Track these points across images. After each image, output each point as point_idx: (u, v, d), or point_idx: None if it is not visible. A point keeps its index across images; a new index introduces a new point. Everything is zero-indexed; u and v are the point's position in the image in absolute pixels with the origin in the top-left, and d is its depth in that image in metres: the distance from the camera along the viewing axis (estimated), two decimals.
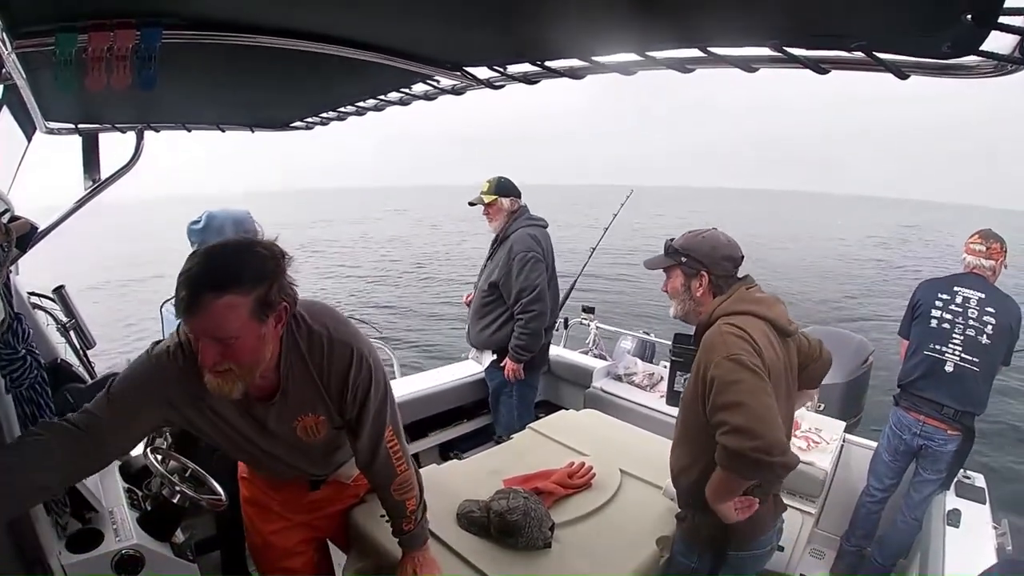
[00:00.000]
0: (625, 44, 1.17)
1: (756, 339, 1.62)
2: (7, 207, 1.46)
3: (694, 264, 1.81)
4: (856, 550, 3.22)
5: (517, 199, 3.37)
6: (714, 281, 1.80)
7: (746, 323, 1.67)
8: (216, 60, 1.37)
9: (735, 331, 1.64)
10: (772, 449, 1.46)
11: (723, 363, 1.58)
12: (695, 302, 1.84)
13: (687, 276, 1.83)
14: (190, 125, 2.42)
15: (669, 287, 1.90)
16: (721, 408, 1.56)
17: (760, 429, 1.47)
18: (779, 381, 1.68)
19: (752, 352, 1.59)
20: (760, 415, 1.50)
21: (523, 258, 3.19)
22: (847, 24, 0.89)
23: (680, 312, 1.89)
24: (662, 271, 1.92)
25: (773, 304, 1.78)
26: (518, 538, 1.76)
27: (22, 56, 1.12)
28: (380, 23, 1.25)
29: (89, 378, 1.96)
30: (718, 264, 1.80)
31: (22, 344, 1.24)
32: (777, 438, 1.48)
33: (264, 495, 1.87)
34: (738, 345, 1.60)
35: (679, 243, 1.87)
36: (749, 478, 1.59)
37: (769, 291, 1.85)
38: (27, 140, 2.02)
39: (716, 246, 1.82)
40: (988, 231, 3.18)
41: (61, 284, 2.25)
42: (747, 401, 1.51)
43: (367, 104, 2.04)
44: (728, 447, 1.50)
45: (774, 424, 1.50)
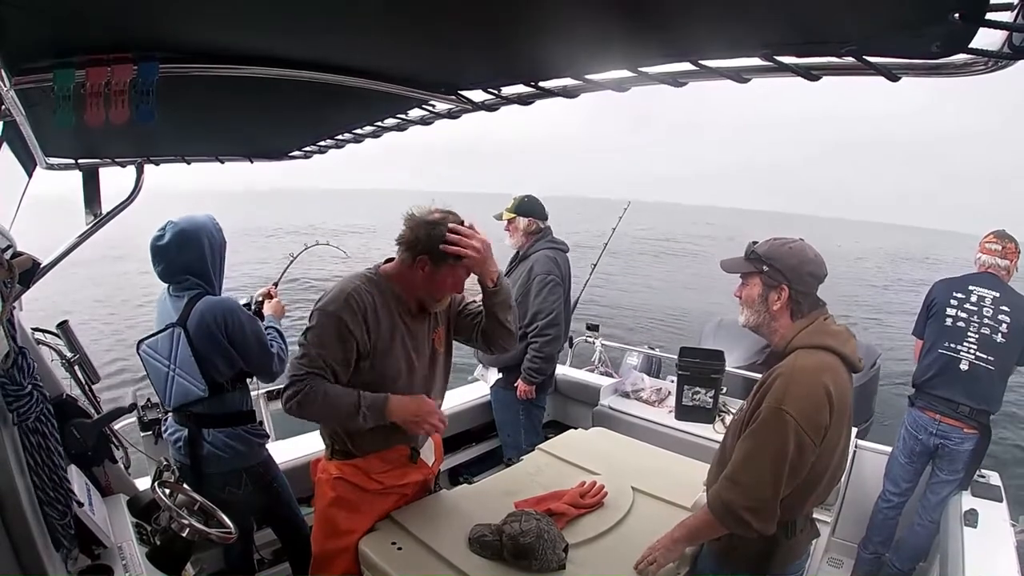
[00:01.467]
0: (617, 61, 1.18)
1: (830, 383, 1.58)
2: (9, 243, 1.47)
3: (776, 276, 1.71)
4: (874, 557, 3.18)
5: (538, 220, 3.38)
6: (794, 297, 1.70)
7: (823, 363, 1.62)
8: (213, 92, 1.38)
9: (811, 379, 1.58)
10: (760, 515, 1.57)
11: (780, 414, 1.55)
12: (770, 315, 1.74)
13: (766, 287, 1.73)
14: (189, 157, 2.44)
15: (744, 294, 1.80)
16: (742, 454, 1.62)
17: (760, 493, 1.56)
18: (843, 416, 1.64)
19: (819, 408, 1.56)
20: (766, 480, 1.56)
21: (542, 280, 3.22)
22: (836, 29, 0.90)
23: (752, 322, 1.79)
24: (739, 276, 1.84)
25: (848, 340, 1.70)
26: (532, 560, 1.73)
27: (21, 92, 1.13)
28: (375, 51, 1.26)
29: (95, 412, 1.96)
30: (802, 279, 1.70)
31: (27, 379, 1.24)
32: (771, 508, 1.57)
33: (355, 493, 1.98)
34: (808, 400, 1.56)
35: (763, 250, 1.76)
36: (728, 529, 1.64)
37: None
38: (28, 176, 2.03)
39: (803, 260, 1.71)
40: (1003, 231, 3.19)
41: (64, 319, 2.25)
42: (765, 464, 1.56)
43: (364, 131, 2.06)
44: (722, 497, 1.61)
45: (774, 493, 1.56)
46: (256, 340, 2.21)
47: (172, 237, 2.12)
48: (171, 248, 2.13)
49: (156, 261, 2.16)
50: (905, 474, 3.15)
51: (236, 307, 2.21)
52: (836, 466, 1.70)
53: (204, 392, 2.14)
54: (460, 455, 3.78)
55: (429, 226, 1.87)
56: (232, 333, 2.15)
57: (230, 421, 2.23)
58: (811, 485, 1.65)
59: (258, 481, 2.34)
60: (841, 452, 1.69)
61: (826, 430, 1.57)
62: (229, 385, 2.23)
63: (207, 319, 2.11)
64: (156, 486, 1.75)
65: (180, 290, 2.17)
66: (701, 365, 3.40)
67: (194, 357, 2.11)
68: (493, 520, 1.87)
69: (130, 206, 2.38)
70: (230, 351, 2.17)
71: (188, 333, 2.11)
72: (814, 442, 1.55)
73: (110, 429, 1.99)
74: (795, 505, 1.66)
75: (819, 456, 1.59)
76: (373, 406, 1.84)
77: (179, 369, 2.14)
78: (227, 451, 2.22)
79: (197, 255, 2.16)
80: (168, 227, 2.14)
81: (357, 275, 1.95)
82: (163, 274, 2.18)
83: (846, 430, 1.68)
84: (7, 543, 1.13)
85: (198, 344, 2.11)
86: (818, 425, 1.55)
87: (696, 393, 3.40)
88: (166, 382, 2.17)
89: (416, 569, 1.77)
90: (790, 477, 1.56)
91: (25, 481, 1.18)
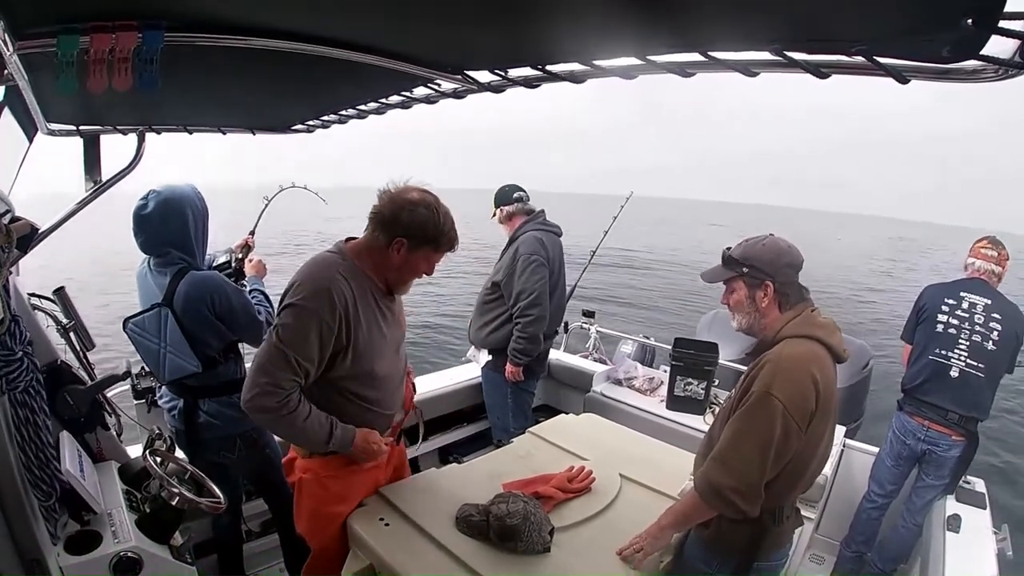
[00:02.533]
0: (626, 48, 1.17)
1: (816, 372, 1.60)
2: (8, 208, 1.46)
3: (757, 274, 1.73)
4: (856, 555, 3.21)
5: (511, 204, 3.42)
6: (779, 289, 1.73)
7: (811, 352, 1.65)
8: (217, 62, 1.37)
9: (798, 366, 1.61)
10: (747, 496, 1.59)
11: (768, 398, 1.57)
12: (760, 314, 1.76)
13: (751, 287, 1.75)
14: (191, 127, 2.42)
15: (732, 300, 1.81)
16: (730, 435, 1.64)
17: (747, 474, 1.59)
18: (829, 405, 1.65)
19: (806, 395, 1.58)
20: (753, 462, 1.58)
21: (526, 260, 3.21)
22: (847, 28, 0.89)
23: (745, 325, 1.81)
24: (722, 284, 1.84)
25: (834, 331, 1.72)
26: (517, 542, 1.75)
27: (24, 57, 1.12)
28: (381, 27, 1.25)
29: (89, 379, 1.96)
30: (781, 272, 1.73)
31: (19, 346, 1.24)
32: (756, 489, 1.60)
33: (340, 474, 1.94)
34: (795, 385, 1.58)
35: (738, 253, 1.78)
36: (714, 510, 1.67)
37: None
38: (28, 141, 2.02)
39: (779, 253, 1.74)
40: (995, 238, 3.18)
41: (61, 285, 2.25)
42: (753, 446, 1.59)
43: (368, 107, 2.05)
44: (710, 477, 1.64)
45: (760, 475, 1.59)
46: (244, 312, 2.21)
47: (155, 207, 2.07)
48: (154, 218, 2.07)
49: (138, 231, 2.10)
50: (891, 476, 3.17)
51: (220, 282, 2.19)
52: (821, 456, 1.73)
53: (198, 368, 2.14)
54: (451, 435, 3.80)
55: (410, 206, 1.81)
56: (219, 309, 2.14)
57: (224, 390, 2.24)
58: (797, 472, 1.67)
59: (251, 446, 2.36)
60: (826, 442, 1.72)
61: (812, 416, 1.59)
62: (221, 357, 2.23)
63: (193, 297, 2.09)
64: (147, 454, 1.76)
65: (162, 265, 2.13)
66: (695, 356, 3.40)
67: (184, 335, 2.10)
68: (481, 500, 1.89)
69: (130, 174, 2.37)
70: (219, 326, 2.17)
71: (175, 313, 2.09)
72: (800, 427, 1.57)
73: (103, 396, 1.99)
74: (782, 492, 1.68)
75: (805, 444, 1.62)
76: (342, 439, 1.82)
77: (170, 347, 2.12)
78: (222, 418, 2.24)
79: (180, 226, 2.12)
80: (151, 196, 2.08)
81: (327, 262, 1.84)
82: (145, 245, 2.13)
83: (831, 421, 1.70)
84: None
85: (186, 323, 2.10)
86: (804, 411, 1.57)
87: (688, 384, 3.41)
88: (158, 359, 2.16)
89: (402, 545, 1.79)
90: (775, 461, 1.58)
91: (12, 447, 1.19)
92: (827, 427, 1.68)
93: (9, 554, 1.17)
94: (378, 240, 1.84)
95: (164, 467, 1.79)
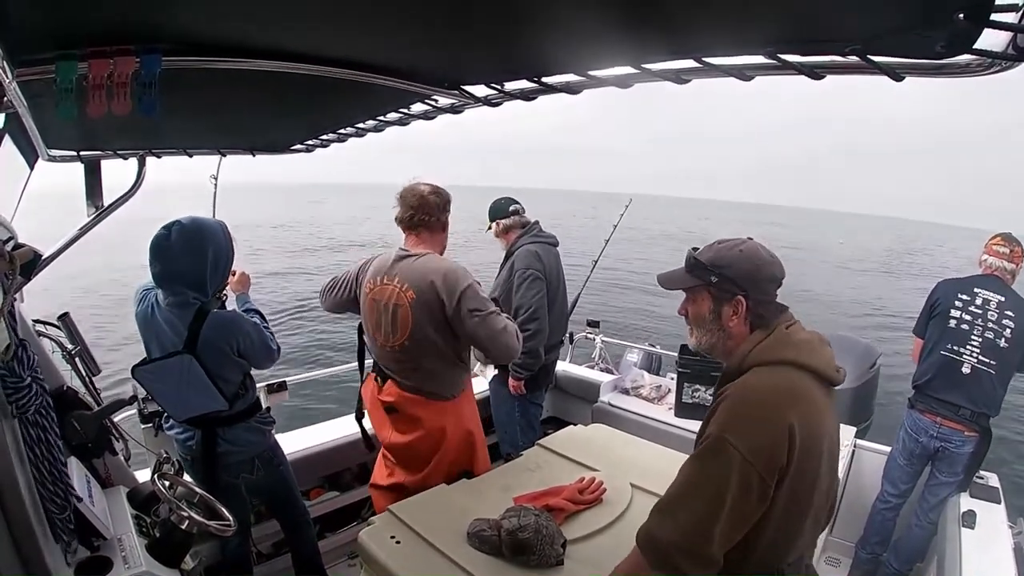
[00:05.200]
0: (620, 57, 1.18)
1: (794, 418, 1.25)
2: (11, 235, 1.47)
3: (728, 286, 1.41)
4: (872, 557, 3.19)
5: (508, 217, 3.40)
6: (754, 308, 1.40)
7: (786, 385, 1.32)
8: (216, 84, 1.38)
9: (765, 405, 1.29)
10: (693, 558, 1.24)
11: (722, 444, 1.26)
12: (726, 334, 1.44)
13: (717, 300, 1.43)
14: (191, 150, 2.44)
15: (691, 312, 1.50)
16: (677, 484, 1.33)
17: (692, 533, 1.25)
18: (818, 446, 1.31)
19: (774, 445, 1.24)
20: (701, 520, 1.25)
21: (522, 275, 3.19)
22: (841, 28, 0.90)
23: (705, 345, 1.49)
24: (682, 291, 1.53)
25: (819, 348, 1.40)
26: (530, 556, 1.74)
27: (23, 84, 1.13)
28: (378, 44, 1.26)
29: (95, 404, 1.96)
30: (760, 286, 1.40)
31: (27, 372, 1.24)
32: (704, 551, 1.24)
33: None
34: (759, 432, 1.25)
35: (708, 258, 1.44)
36: (658, 571, 1.29)
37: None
38: (29, 168, 2.03)
39: (759, 263, 1.41)
40: (1009, 235, 3.17)
41: (66, 311, 2.25)
42: (701, 500, 1.27)
43: (366, 125, 2.06)
44: (652, 531, 1.31)
45: (707, 534, 1.24)
46: (263, 346, 2.22)
47: (176, 239, 2.03)
48: (173, 250, 2.03)
49: (155, 261, 2.05)
50: (904, 475, 3.14)
51: (241, 320, 2.19)
52: (820, 506, 1.40)
53: (225, 407, 2.13)
54: None
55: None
56: (243, 348, 2.15)
57: (243, 417, 2.26)
58: (790, 528, 1.35)
59: (268, 465, 2.38)
60: (827, 485, 1.40)
61: (783, 471, 1.25)
62: (242, 389, 2.24)
63: (219, 341, 2.08)
64: (155, 478, 1.76)
65: (176, 305, 2.07)
66: (701, 363, 3.39)
67: (208, 378, 2.06)
68: (492, 515, 1.88)
69: (131, 199, 2.39)
70: (241, 363, 2.19)
71: (198, 359, 2.04)
72: (763, 478, 1.23)
73: (110, 421, 1.99)
74: (775, 554, 1.36)
75: (789, 494, 1.28)
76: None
77: (192, 391, 2.07)
78: (243, 444, 2.26)
79: (198, 263, 2.07)
80: (174, 228, 2.04)
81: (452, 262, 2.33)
82: (159, 277, 2.07)
83: (828, 457, 1.37)
84: (7, 535, 1.14)
85: (210, 366, 2.06)
86: (770, 459, 1.24)
87: (696, 391, 3.40)
88: (176, 402, 2.12)
89: (415, 563, 1.77)
90: (733, 520, 1.25)
91: (25, 473, 1.19)
92: (820, 472, 1.34)
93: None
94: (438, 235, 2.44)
95: (173, 491, 1.78)
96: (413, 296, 2.25)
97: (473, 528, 1.85)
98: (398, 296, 2.28)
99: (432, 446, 2.39)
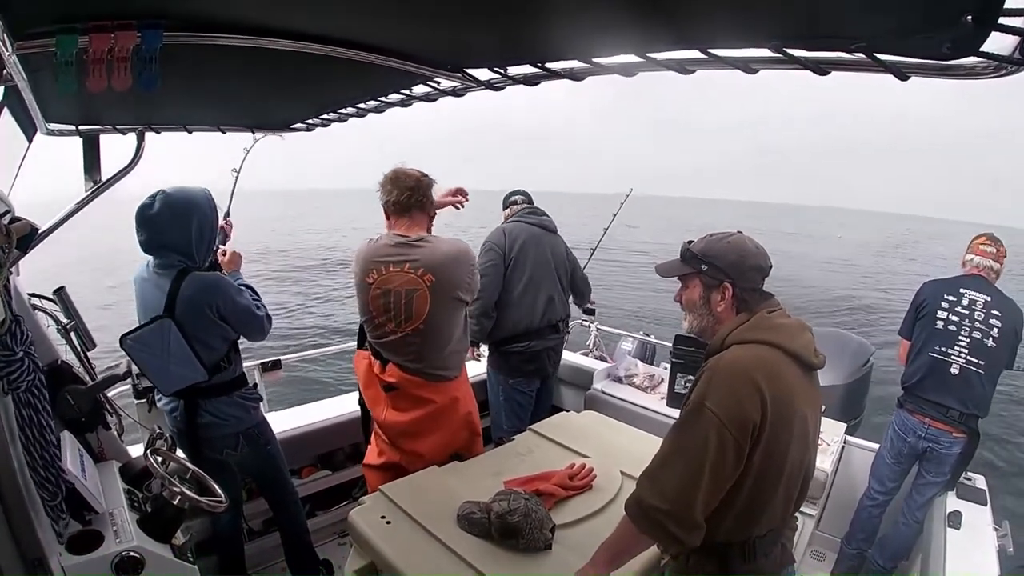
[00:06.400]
0: (625, 45, 1.17)
1: (761, 380, 1.39)
2: (8, 208, 1.46)
3: (716, 274, 1.56)
4: (857, 552, 3.21)
5: (508, 207, 3.62)
6: (739, 295, 1.55)
7: (757, 357, 1.44)
8: (217, 61, 1.37)
9: (736, 372, 1.41)
10: (680, 521, 1.37)
11: (700, 409, 1.39)
12: (714, 318, 1.59)
13: (707, 287, 1.58)
14: (191, 126, 2.42)
15: (684, 298, 1.65)
16: (662, 451, 1.46)
17: (679, 495, 1.37)
18: (788, 411, 1.42)
19: (744, 404, 1.37)
20: (685, 482, 1.37)
21: (482, 247, 3.33)
22: (847, 25, 0.89)
23: (696, 327, 1.64)
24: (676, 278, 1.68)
25: (798, 333, 1.52)
26: (519, 540, 1.75)
27: (23, 58, 1.12)
28: (381, 25, 1.25)
29: (89, 379, 1.96)
30: (745, 275, 1.55)
31: (20, 346, 1.24)
32: (690, 513, 1.37)
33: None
34: (731, 394, 1.38)
35: (699, 248, 1.60)
36: (645, 536, 1.46)
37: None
38: (28, 141, 2.01)
39: (744, 254, 1.56)
40: (992, 235, 3.17)
41: (61, 285, 2.24)
42: (684, 464, 1.39)
43: (367, 105, 2.05)
44: (639, 497, 1.44)
45: (692, 495, 1.36)
46: (246, 310, 2.19)
47: (161, 207, 2.04)
48: (157, 218, 2.04)
49: (140, 230, 2.06)
50: (891, 474, 3.16)
51: (222, 282, 2.16)
52: (792, 479, 1.51)
53: (205, 378, 2.12)
54: None
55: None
56: (223, 310, 2.13)
57: (225, 390, 2.25)
58: (761, 496, 1.46)
59: (253, 443, 2.37)
60: (799, 460, 1.50)
61: (755, 428, 1.37)
62: (225, 361, 2.23)
63: (196, 301, 2.07)
64: (148, 454, 1.76)
65: (162, 267, 2.10)
66: (695, 353, 3.39)
67: (188, 345, 2.06)
68: (482, 498, 1.89)
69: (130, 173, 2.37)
70: (223, 327, 2.16)
71: (178, 321, 2.04)
72: (737, 440, 1.36)
73: (104, 396, 1.99)
74: (746, 521, 1.48)
75: (762, 460, 1.41)
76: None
77: (173, 359, 2.07)
78: (225, 418, 2.25)
79: (183, 232, 2.08)
80: (158, 196, 2.05)
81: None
82: (146, 245, 2.09)
83: (800, 433, 1.48)
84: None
85: (190, 329, 2.06)
86: (743, 421, 1.36)
87: (688, 381, 3.39)
88: (161, 373, 2.12)
89: (404, 544, 1.79)
90: (713, 481, 1.37)
91: (15, 447, 1.19)
92: (791, 443, 1.45)
93: (11, 554, 1.17)
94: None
95: (165, 466, 1.79)
96: (432, 279, 2.24)
97: (463, 510, 1.86)
98: (414, 280, 2.26)
99: (431, 426, 2.39)
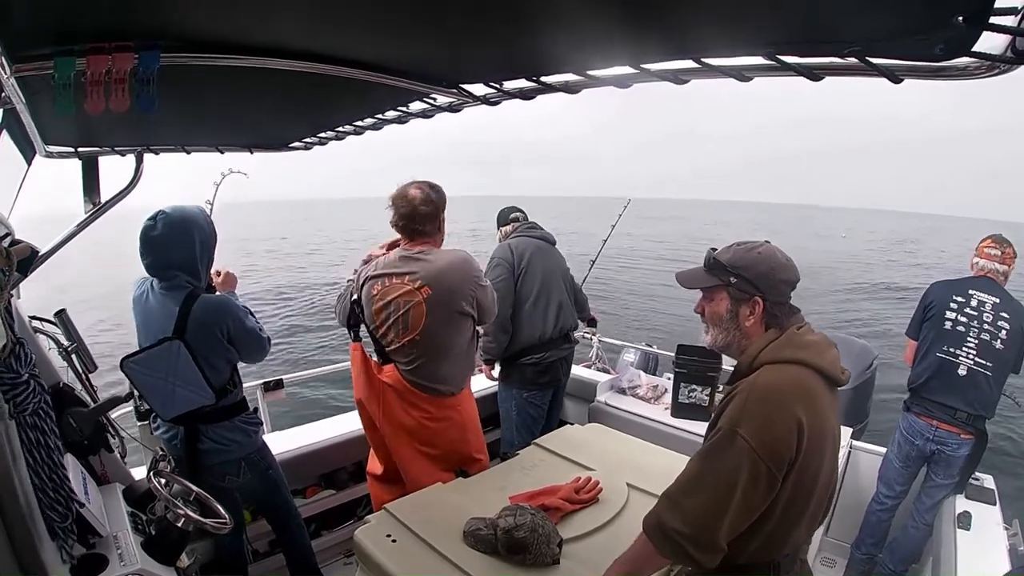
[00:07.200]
0: (619, 57, 1.18)
1: (802, 413, 1.33)
2: (8, 231, 1.46)
3: (747, 287, 1.47)
4: (867, 557, 3.19)
5: (508, 224, 3.61)
6: (769, 309, 1.47)
7: (794, 382, 1.39)
8: (214, 82, 1.38)
9: (776, 402, 1.34)
10: (700, 544, 1.34)
11: (733, 437, 1.33)
12: (742, 333, 1.50)
13: (735, 301, 1.49)
14: (189, 147, 2.43)
15: (708, 311, 1.55)
16: (687, 474, 1.41)
17: (701, 520, 1.34)
18: (822, 442, 1.39)
19: (783, 439, 1.31)
20: (710, 509, 1.33)
21: (490, 263, 3.35)
22: (840, 29, 0.90)
23: (720, 342, 1.55)
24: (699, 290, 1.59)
25: (825, 349, 1.46)
26: (526, 555, 1.74)
27: (21, 80, 1.13)
28: (377, 43, 1.26)
29: (92, 401, 1.95)
30: (776, 288, 1.46)
31: (25, 368, 1.24)
32: (711, 538, 1.33)
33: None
34: (770, 426, 1.32)
35: (728, 259, 1.50)
36: (664, 555, 1.43)
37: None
38: (27, 164, 2.02)
39: (775, 267, 1.47)
40: (1000, 236, 3.16)
41: (62, 308, 2.25)
42: (711, 491, 1.35)
43: (364, 123, 2.06)
44: (660, 518, 1.40)
45: (717, 523, 1.33)
46: (254, 333, 2.20)
47: (163, 228, 2.05)
48: (161, 240, 2.05)
49: (145, 252, 2.07)
50: (899, 477, 3.14)
51: (232, 304, 2.18)
52: (819, 503, 1.47)
53: (212, 400, 2.10)
54: None
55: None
56: (233, 332, 2.14)
57: (227, 414, 2.23)
58: (789, 519, 1.41)
59: (255, 468, 2.35)
60: (827, 482, 1.47)
61: (791, 464, 1.33)
62: (230, 384, 2.22)
63: (208, 323, 2.07)
64: (151, 475, 1.75)
65: (169, 289, 2.10)
66: (698, 363, 3.39)
67: (197, 366, 2.04)
68: (488, 514, 1.87)
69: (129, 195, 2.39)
70: (231, 350, 2.16)
71: (187, 344, 2.03)
72: (773, 472, 1.31)
73: (106, 418, 1.98)
74: (772, 546, 1.44)
75: (794, 488, 1.36)
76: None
77: (180, 382, 2.05)
78: (227, 444, 2.23)
79: (187, 250, 2.09)
80: (159, 217, 2.06)
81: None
82: (151, 267, 2.10)
83: (830, 455, 1.45)
84: (3, 534, 1.13)
85: (199, 351, 2.05)
86: (779, 456, 1.31)
87: (692, 391, 3.40)
88: (165, 396, 2.08)
89: (411, 562, 1.77)
90: (742, 510, 1.33)
91: (20, 471, 1.18)
92: (823, 467, 1.41)
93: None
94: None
95: (169, 488, 1.78)
96: (430, 292, 2.29)
97: (469, 527, 1.85)
98: (411, 293, 2.31)
99: (419, 437, 2.44)
